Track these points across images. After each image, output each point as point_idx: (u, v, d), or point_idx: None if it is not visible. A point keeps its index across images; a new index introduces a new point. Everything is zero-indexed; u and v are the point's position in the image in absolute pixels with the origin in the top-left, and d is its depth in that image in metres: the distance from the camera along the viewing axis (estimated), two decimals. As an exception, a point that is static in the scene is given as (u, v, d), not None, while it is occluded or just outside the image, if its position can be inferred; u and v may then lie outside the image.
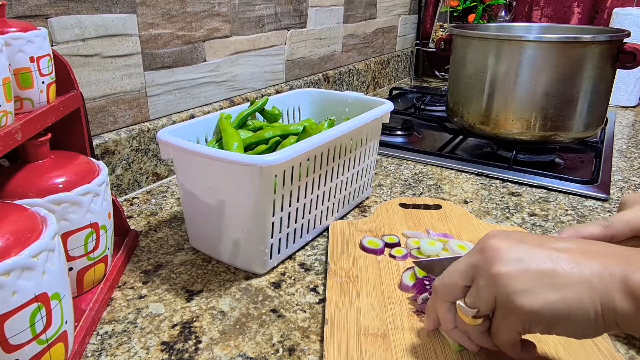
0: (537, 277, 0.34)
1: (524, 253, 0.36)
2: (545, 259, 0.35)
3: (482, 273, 0.37)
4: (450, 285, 0.39)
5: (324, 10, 1.18)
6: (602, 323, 0.33)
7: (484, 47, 0.86)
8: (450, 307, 0.40)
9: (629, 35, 0.81)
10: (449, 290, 0.39)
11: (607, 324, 0.33)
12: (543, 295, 0.34)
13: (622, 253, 0.34)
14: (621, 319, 0.32)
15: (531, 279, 0.34)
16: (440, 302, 0.41)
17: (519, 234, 0.38)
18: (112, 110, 0.74)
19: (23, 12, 0.60)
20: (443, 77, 1.74)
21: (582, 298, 0.33)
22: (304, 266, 0.59)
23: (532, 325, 0.35)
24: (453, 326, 0.40)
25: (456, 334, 0.40)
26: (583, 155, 0.96)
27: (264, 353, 0.45)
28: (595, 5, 1.47)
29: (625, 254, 0.34)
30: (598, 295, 0.32)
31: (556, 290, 0.33)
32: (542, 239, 0.38)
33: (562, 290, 0.33)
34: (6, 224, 0.36)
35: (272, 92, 1.03)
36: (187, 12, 0.82)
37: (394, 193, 0.78)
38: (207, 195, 0.55)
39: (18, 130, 0.43)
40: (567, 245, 0.36)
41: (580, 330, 0.34)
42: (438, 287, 0.41)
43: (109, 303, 0.51)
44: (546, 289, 0.34)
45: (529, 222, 0.69)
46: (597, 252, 0.35)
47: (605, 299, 0.32)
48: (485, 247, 0.37)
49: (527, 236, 0.38)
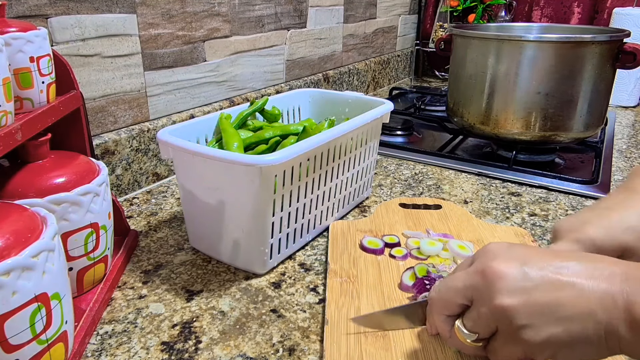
0: (541, 310, 0.33)
1: (527, 281, 0.34)
2: (548, 287, 0.34)
3: (483, 300, 0.36)
4: (446, 301, 0.39)
5: (324, 10, 1.18)
6: (605, 351, 0.33)
7: (484, 47, 0.86)
8: (447, 319, 0.39)
9: (629, 35, 0.81)
10: (445, 305, 0.39)
11: (611, 351, 0.33)
12: (547, 329, 0.33)
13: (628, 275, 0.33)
14: (625, 347, 0.32)
15: (535, 313, 0.34)
16: (436, 315, 0.40)
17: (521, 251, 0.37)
18: (112, 110, 0.74)
19: (23, 12, 0.60)
20: (443, 77, 1.74)
21: (586, 331, 0.32)
22: (304, 266, 0.59)
23: (534, 354, 0.35)
24: (450, 335, 0.40)
25: (453, 342, 0.40)
26: (583, 155, 0.96)
27: (264, 353, 0.45)
28: (595, 5, 1.46)
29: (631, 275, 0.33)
30: (602, 327, 0.32)
31: (560, 322, 0.33)
32: (546, 257, 0.36)
33: (566, 323, 0.33)
34: (6, 224, 0.36)
35: (272, 92, 1.03)
36: (187, 12, 0.82)
37: (394, 193, 0.78)
38: (207, 195, 0.55)
39: (18, 130, 0.43)
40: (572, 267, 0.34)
41: (584, 357, 0.34)
42: (435, 300, 0.40)
43: (109, 303, 0.51)
44: (550, 322, 0.33)
45: (529, 222, 0.69)
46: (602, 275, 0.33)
47: (610, 330, 0.32)
48: (487, 271, 0.36)
49: (529, 254, 0.36)
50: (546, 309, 0.33)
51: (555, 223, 0.46)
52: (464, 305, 0.38)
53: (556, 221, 0.44)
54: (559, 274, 0.34)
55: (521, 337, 0.34)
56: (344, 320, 0.47)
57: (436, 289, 0.40)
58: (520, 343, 0.34)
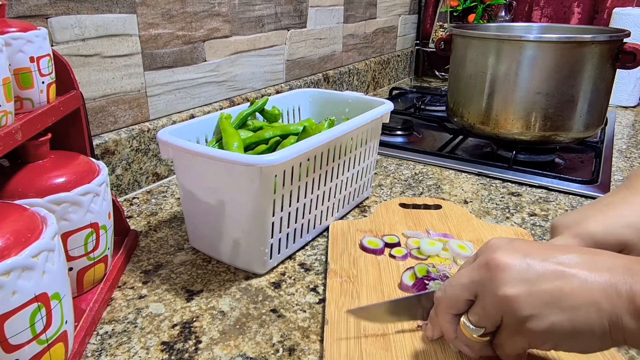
0: (544, 299, 0.34)
1: (530, 272, 0.35)
2: (551, 277, 0.34)
3: (487, 292, 0.36)
4: (453, 299, 0.39)
5: (324, 10, 1.18)
6: (609, 341, 0.33)
7: (484, 47, 0.86)
8: (452, 319, 0.39)
9: (629, 35, 0.81)
10: (451, 303, 0.39)
11: (615, 341, 0.33)
12: (551, 318, 0.33)
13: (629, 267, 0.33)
14: (629, 337, 0.32)
15: (539, 302, 0.34)
16: (442, 314, 0.40)
17: (523, 244, 0.37)
18: (112, 110, 0.74)
19: (23, 12, 0.60)
20: (443, 77, 1.74)
21: (590, 320, 0.33)
22: (304, 266, 0.59)
23: (538, 344, 0.35)
24: (455, 336, 0.40)
25: (458, 343, 0.40)
26: (583, 155, 0.96)
27: (264, 353, 0.45)
28: (595, 5, 1.46)
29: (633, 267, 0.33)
30: (606, 316, 0.32)
31: (564, 312, 0.33)
32: (548, 250, 0.36)
33: (570, 312, 0.33)
34: (6, 224, 0.36)
35: (272, 92, 1.03)
36: (187, 12, 0.82)
37: (394, 193, 0.78)
38: (207, 195, 0.55)
39: (18, 130, 0.43)
40: (574, 259, 0.35)
41: (587, 347, 0.34)
42: (441, 299, 0.40)
43: (109, 303, 0.51)
44: (554, 311, 0.33)
45: (529, 222, 0.69)
46: (603, 266, 0.34)
47: (614, 319, 0.32)
48: (490, 263, 0.36)
49: (531, 247, 0.37)
50: (550, 299, 0.34)
51: (553, 219, 0.46)
52: (470, 302, 0.38)
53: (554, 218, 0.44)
54: (562, 264, 0.35)
55: (526, 328, 0.34)
56: (344, 320, 0.47)
57: (442, 290, 0.40)
58: (525, 334, 0.35)
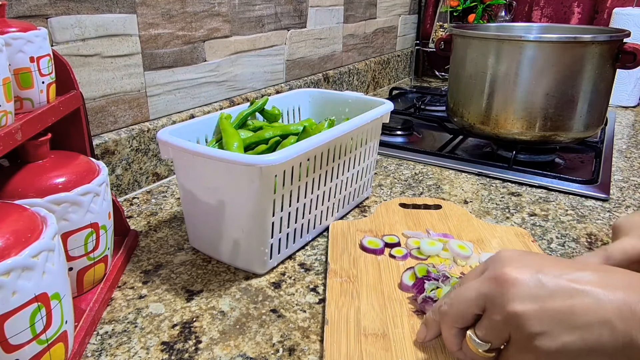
0: (555, 317, 0.33)
1: (542, 288, 0.34)
2: (563, 295, 0.33)
3: (496, 307, 0.35)
4: (459, 314, 0.38)
5: (324, 10, 1.18)
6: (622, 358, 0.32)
7: (484, 47, 0.86)
8: (458, 332, 0.39)
9: (629, 35, 0.81)
10: (458, 318, 0.38)
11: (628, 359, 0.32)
12: (562, 337, 0.33)
13: None
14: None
15: (550, 320, 0.33)
16: (448, 328, 0.39)
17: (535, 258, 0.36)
18: (112, 110, 0.74)
19: (23, 12, 0.60)
20: (443, 77, 1.74)
21: (602, 339, 0.32)
22: (304, 266, 0.59)
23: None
24: (458, 348, 0.39)
25: (461, 355, 0.39)
26: (583, 155, 0.96)
27: (264, 353, 0.45)
28: (595, 5, 1.46)
29: None
30: (620, 337, 0.31)
31: (575, 331, 0.32)
32: (560, 265, 0.36)
33: (582, 330, 0.32)
34: (6, 224, 0.36)
35: (272, 92, 1.03)
36: (187, 12, 0.82)
37: (394, 193, 0.78)
38: (207, 195, 0.55)
39: (18, 130, 0.43)
40: (587, 276, 0.34)
41: None
42: (447, 313, 0.39)
43: (109, 303, 0.51)
44: (565, 329, 0.32)
45: (529, 222, 0.69)
46: (618, 284, 0.33)
47: (627, 340, 0.31)
48: (500, 278, 0.35)
49: (543, 262, 0.36)
50: (561, 317, 0.33)
51: (616, 220, 0.45)
52: (477, 315, 0.37)
53: (615, 219, 0.43)
54: (575, 282, 0.34)
55: (535, 346, 0.33)
56: (344, 320, 0.47)
57: (448, 303, 0.39)
58: (534, 351, 0.34)
